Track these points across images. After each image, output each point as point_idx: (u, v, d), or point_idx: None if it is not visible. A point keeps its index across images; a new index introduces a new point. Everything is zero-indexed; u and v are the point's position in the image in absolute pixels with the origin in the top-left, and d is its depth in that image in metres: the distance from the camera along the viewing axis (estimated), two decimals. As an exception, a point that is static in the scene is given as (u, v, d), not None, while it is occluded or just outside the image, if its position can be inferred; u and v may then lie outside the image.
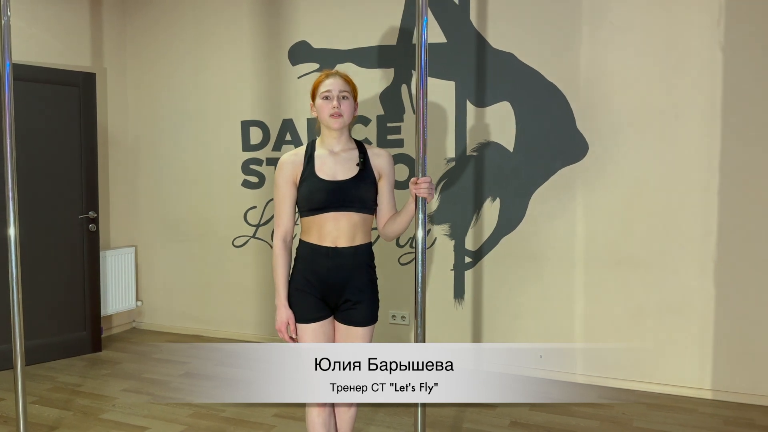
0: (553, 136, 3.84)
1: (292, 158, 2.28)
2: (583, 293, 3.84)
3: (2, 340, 4.05)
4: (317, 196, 2.20)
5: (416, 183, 2.13)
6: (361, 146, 2.31)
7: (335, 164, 2.25)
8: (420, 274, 2.18)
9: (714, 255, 3.54)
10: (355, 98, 2.28)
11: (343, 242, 2.24)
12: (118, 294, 4.94)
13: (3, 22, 2.47)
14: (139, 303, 5.18)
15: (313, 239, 2.25)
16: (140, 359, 4.37)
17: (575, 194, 3.82)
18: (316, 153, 2.28)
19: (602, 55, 3.71)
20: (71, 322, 4.39)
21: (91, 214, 4.44)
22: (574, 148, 3.80)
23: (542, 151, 3.87)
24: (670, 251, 3.64)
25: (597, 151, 3.76)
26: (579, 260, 3.84)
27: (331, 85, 2.23)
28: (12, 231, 2.59)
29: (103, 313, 4.75)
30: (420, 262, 2.17)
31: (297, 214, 2.32)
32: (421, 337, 2.19)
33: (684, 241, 3.60)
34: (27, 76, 4.10)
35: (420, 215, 2.16)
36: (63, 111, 4.31)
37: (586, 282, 3.83)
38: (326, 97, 2.22)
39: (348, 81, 2.27)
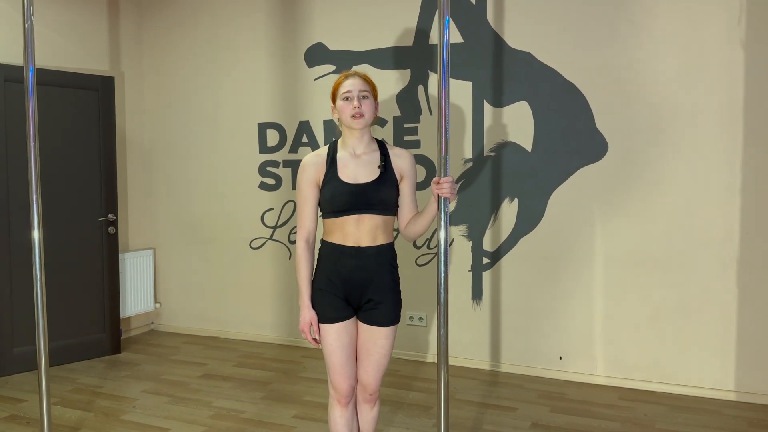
0: (572, 136, 3.82)
1: (314, 159, 2.28)
2: (603, 294, 3.81)
3: (23, 342, 4.09)
4: (339, 199, 2.20)
5: (438, 183, 2.12)
6: (382, 147, 2.31)
7: (357, 167, 2.24)
8: (443, 275, 2.16)
9: (736, 254, 3.50)
10: (375, 97, 2.28)
11: (365, 242, 2.23)
12: (136, 296, 4.97)
13: (26, 26, 2.49)
14: (157, 305, 5.21)
15: (335, 239, 2.25)
16: (159, 361, 4.39)
17: (595, 194, 3.79)
18: (338, 155, 2.27)
19: (621, 53, 3.68)
20: (91, 324, 4.43)
21: (110, 216, 4.48)
22: (593, 148, 3.77)
23: (561, 151, 3.85)
24: (691, 251, 3.60)
25: (617, 151, 3.73)
26: (598, 261, 3.81)
27: (351, 85, 2.22)
28: (36, 234, 2.60)
29: (121, 315, 4.78)
30: (443, 263, 2.16)
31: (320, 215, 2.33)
32: (444, 339, 2.18)
33: (705, 240, 3.56)
34: (46, 80, 4.14)
35: (442, 216, 2.15)
36: (82, 115, 4.35)
37: (606, 283, 3.80)
38: (346, 98, 2.21)
39: (367, 80, 2.27)
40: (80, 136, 4.35)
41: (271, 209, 4.76)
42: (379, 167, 2.24)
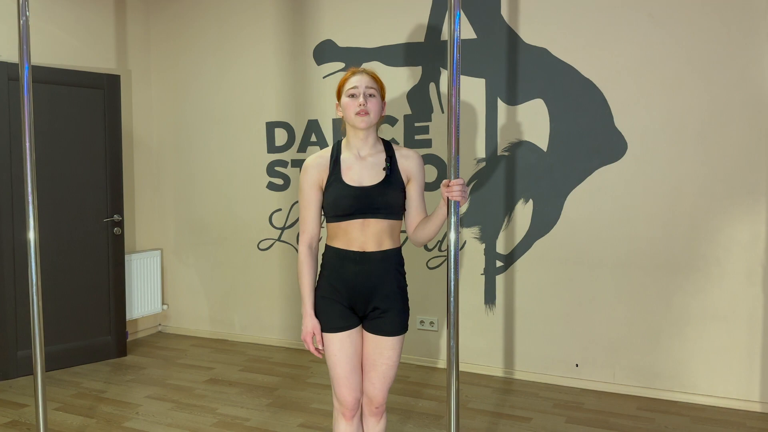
0: (590, 135, 3.67)
1: (317, 161, 2.16)
2: (622, 299, 3.66)
3: (27, 345, 4.03)
4: (343, 202, 2.09)
5: (448, 185, 1.99)
6: (388, 147, 2.19)
7: (362, 169, 2.12)
8: (453, 281, 2.04)
9: (762, 259, 3.34)
10: (382, 97, 2.16)
11: (371, 247, 2.12)
12: (143, 298, 4.90)
13: (21, 22, 2.40)
14: (164, 307, 5.13)
15: (339, 244, 2.14)
16: (165, 364, 4.31)
17: (613, 195, 3.65)
18: (342, 156, 2.15)
19: (641, 49, 3.53)
20: (96, 326, 4.36)
21: (116, 217, 4.40)
22: (611, 147, 3.63)
23: (578, 151, 3.71)
24: (714, 256, 3.44)
25: (636, 150, 3.58)
26: (617, 265, 3.66)
27: (358, 82, 2.11)
28: (32, 235, 2.51)
29: (128, 317, 4.72)
30: (453, 270, 2.03)
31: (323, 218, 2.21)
32: (454, 350, 2.06)
33: (729, 245, 3.41)
34: (51, 78, 4.08)
35: (453, 218, 2.02)
36: (87, 113, 4.28)
37: (625, 288, 3.65)
38: (352, 95, 2.10)
39: (375, 78, 2.15)
40: (86, 135, 4.28)
41: (279, 210, 4.66)
42: (384, 169, 2.12)
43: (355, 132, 2.14)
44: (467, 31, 3.93)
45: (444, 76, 4.04)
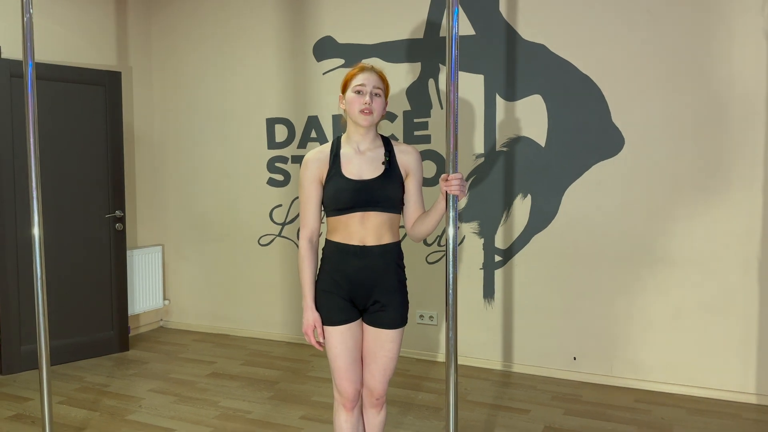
0: (588, 130, 3.70)
1: (317, 156, 2.19)
2: (619, 293, 3.70)
3: (30, 340, 4.06)
4: (343, 195, 2.12)
5: (447, 180, 2.03)
6: (387, 143, 2.22)
7: (361, 163, 2.16)
8: (451, 275, 2.08)
9: (758, 253, 3.38)
10: (386, 96, 2.19)
11: (370, 241, 2.15)
12: (145, 293, 4.94)
13: (25, 19, 2.43)
14: (166, 302, 5.17)
15: (339, 238, 2.17)
16: (167, 359, 4.35)
17: (611, 190, 3.68)
18: (341, 151, 2.19)
19: (639, 45, 3.56)
20: (99, 321, 4.39)
21: (118, 213, 4.43)
22: (609, 143, 3.66)
23: (576, 146, 3.74)
24: (711, 249, 3.48)
25: (634, 146, 3.61)
26: (615, 259, 3.70)
27: (366, 79, 2.13)
28: (36, 231, 2.55)
29: (130, 312, 4.75)
30: (451, 263, 2.07)
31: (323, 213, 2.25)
32: (453, 342, 2.10)
33: (726, 238, 3.44)
34: (53, 75, 4.10)
35: (451, 213, 2.06)
36: (89, 110, 4.30)
37: (623, 281, 3.69)
38: (358, 92, 2.12)
39: (382, 78, 2.18)
40: (87, 132, 4.30)
41: (280, 206, 4.69)
42: (383, 163, 2.15)
43: (356, 127, 2.17)
44: (466, 28, 3.95)
45: (443, 73, 4.07)
